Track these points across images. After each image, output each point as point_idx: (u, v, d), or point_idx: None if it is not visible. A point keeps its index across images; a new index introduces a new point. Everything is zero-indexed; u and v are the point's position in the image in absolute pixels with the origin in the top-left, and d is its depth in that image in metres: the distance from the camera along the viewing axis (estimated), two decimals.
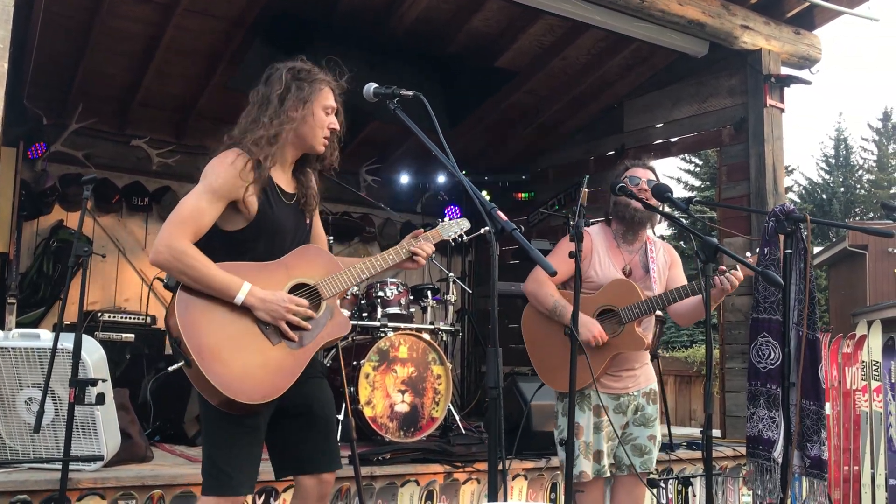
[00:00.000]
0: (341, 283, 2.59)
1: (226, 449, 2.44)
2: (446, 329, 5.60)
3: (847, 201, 35.15)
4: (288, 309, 2.43)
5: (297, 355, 2.48)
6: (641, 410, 3.34)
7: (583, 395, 3.23)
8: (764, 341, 3.24)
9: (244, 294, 2.40)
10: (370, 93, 2.51)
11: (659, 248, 3.45)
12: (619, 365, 3.30)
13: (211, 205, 2.45)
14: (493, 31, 6.31)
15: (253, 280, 2.46)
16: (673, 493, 4.94)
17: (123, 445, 3.72)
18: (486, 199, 2.25)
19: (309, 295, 2.55)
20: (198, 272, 2.39)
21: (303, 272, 2.56)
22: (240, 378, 2.37)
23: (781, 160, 6.02)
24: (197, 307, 2.41)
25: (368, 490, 3.95)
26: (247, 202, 2.48)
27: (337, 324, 2.59)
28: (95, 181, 3.24)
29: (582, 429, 3.23)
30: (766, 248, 3.24)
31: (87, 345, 3.40)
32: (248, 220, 2.51)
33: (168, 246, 2.39)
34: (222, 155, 2.51)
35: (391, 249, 2.71)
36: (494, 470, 1.99)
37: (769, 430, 3.22)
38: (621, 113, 7.21)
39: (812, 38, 6.33)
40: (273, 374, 2.42)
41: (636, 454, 3.32)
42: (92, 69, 6.15)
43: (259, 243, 2.53)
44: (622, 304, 3.22)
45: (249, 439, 2.47)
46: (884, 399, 6.14)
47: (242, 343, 2.41)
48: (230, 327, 2.41)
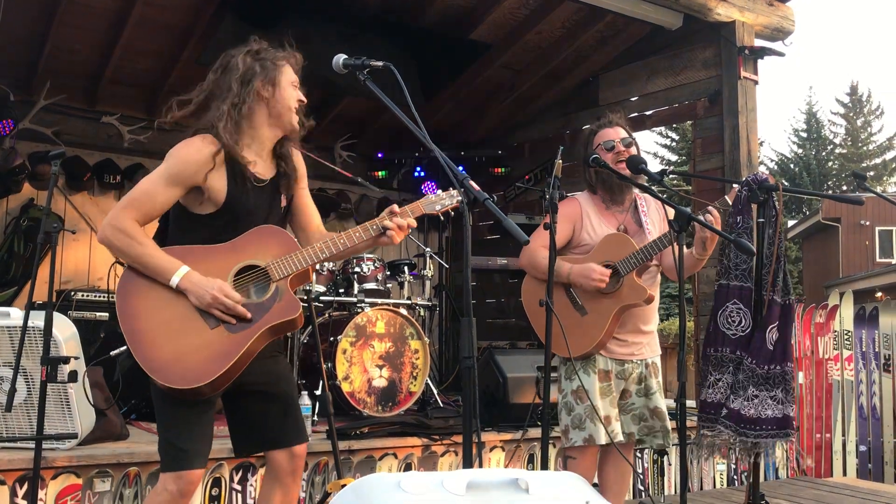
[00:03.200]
0: (294, 263, 2.51)
1: (177, 426, 2.44)
2: (423, 304, 5.60)
3: (819, 175, 35.50)
4: (214, 297, 2.38)
5: (236, 339, 2.41)
6: (645, 381, 3.32)
7: (588, 358, 3.22)
8: (735, 308, 3.26)
9: (179, 277, 2.38)
10: (339, 64, 2.47)
11: (650, 201, 3.40)
12: (627, 326, 3.27)
13: (166, 189, 2.44)
14: (467, 4, 6.26)
15: (199, 262, 2.43)
16: (648, 463, 5.00)
17: (98, 423, 3.69)
18: (458, 170, 2.24)
19: (257, 276, 2.51)
20: (136, 252, 2.39)
21: (254, 254, 2.50)
22: (171, 363, 2.35)
23: (755, 132, 6.05)
24: (138, 290, 2.40)
25: (346, 464, 3.97)
26: (213, 188, 2.46)
27: (284, 306, 2.49)
28: (64, 156, 3.18)
29: (587, 393, 3.19)
30: (739, 216, 3.26)
31: (59, 322, 3.36)
32: (216, 205, 2.48)
33: (112, 225, 2.41)
34: (188, 140, 2.50)
35: (359, 227, 2.62)
36: (469, 437, 2.00)
37: (716, 393, 3.27)
38: (597, 86, 7.19)
39: (785, 10, 6.34)
40: (207, 358, 2.38)
41: (635, 422, 3.31)
42: (59, 45, 6.03)
43: (229, 228, 2.50)
44: (617, 258, 3.19)
45: (200, 415, 2.46)
46: (855, 367, 6.25)
47: (178, 327, 2.39)
48: (167, 311, 2.39)
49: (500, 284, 6.83)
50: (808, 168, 35.57)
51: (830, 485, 5.32)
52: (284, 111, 2.57)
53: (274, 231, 2.57)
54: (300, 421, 2.69)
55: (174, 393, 2.37)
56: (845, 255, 24.80)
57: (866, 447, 6.17)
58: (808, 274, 27.48)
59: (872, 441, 6.18)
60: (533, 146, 7.89)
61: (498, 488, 1.52)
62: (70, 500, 3.35)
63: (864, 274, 21.39)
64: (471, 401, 2.03)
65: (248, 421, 2.61)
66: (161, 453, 2.47)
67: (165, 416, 2.47)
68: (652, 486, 4.94)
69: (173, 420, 2.45)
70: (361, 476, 3.93)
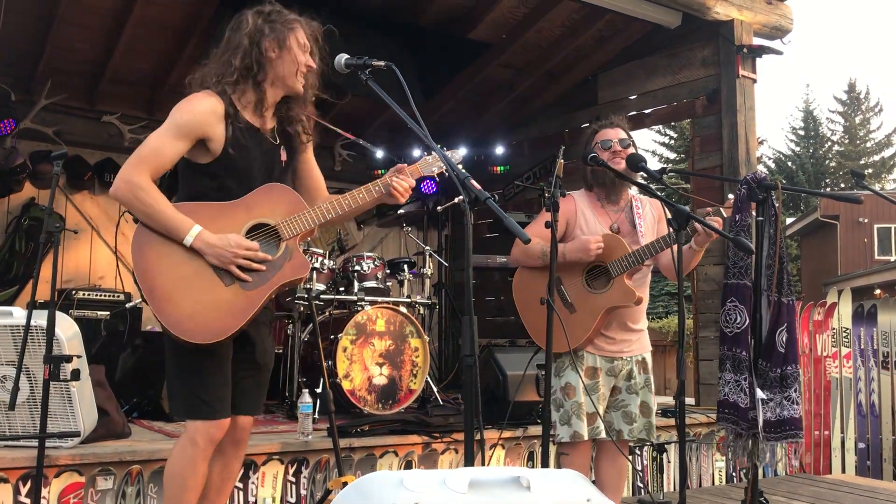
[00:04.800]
0: (303, 223, 2.57)
1: (200, 377, 2.49)
2: (423, 302, 5.62)
3: (817, 173, 35.53)
4: (235, 254, 2.44)
5: (251, 296, 2.48)
6: (633, 378, 3.34)
7: (576, 355, 3.24)
8: (732, 306, 3.28)
9: (192, 237, 2.43)
10: (341, 63, 2.50)
11: (645, 203, 3.44)
12: (615, 326, 3.30)
13: (173, 142, 2.48)
14: (467, 3, 6.27)
15: (211, 221, 2.47)
16: (648, 460, 5.02)
17: (101, 422, 3.71)
18: (460, 169, 2.26)
19: (268, 235, 2.55)
20: (151, 209, 2.43)
21: (264, 212, 2.55)
22: (189, 318, 2.41)
23: (754, 130, 6.07)
24: (153, 247, 2.45)
25: (347, 461, 3.98)
26: (214, 139, 2.50)
27: (295, 265, 2.56)
28: (66, 156, 3.19)
29: (574, 389, 3.22)
30: (738, 214, 3.27)
31: (61, 321, 3.37)
32: (214, 155, 2.53)
33: (126, 180, 2.45)
34: (192, 95, 2.55)
35: (363, 188, 2.67)
36: (471, 435, 2.02)
37: (734, 393, 3.28)
38: (595, 85, 7.21)
39: (784, 9, 6.36)
40: (224, 314, 2.44)
41: (626, 421, 3.33)
42: (60, 44, 6.05)
43: (226, 180, 2.55)
44: (609, 259, 3.22)
45: (220, 364, 2.51)
46: (853, 365, 6.27)
47: (195, 283, 2.44)
48: (184, 267, 2.44)
49: (499, 282, 6.84)
50: (805, 166, 35.60)
51: (829, 482, 5.34)
52: (288, 73, 2.59)
53: (282, 190, 2.61)
54: (261, 395, 2.73)
55: (192, 346, 2.42)
56: (844, 253, 24.82)
57: (865, 444, 6.19)
58: (806, 271, 27.51)
59: (871, 438, 6.20)
60: (532, 145, 7.91)
61: (500, 486, 1.54)
62: (73, 498, 3.36)
63: (862, 271, 21.42)
64: (472, 399, 2.04)
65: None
66: (184, 403, 2.51)
67: (185, 366, 2.50)
68: (651, 484, 4.96)
69: (196, 372, 2.49)
70: (362, 474, 3.95)
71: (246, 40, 2.56)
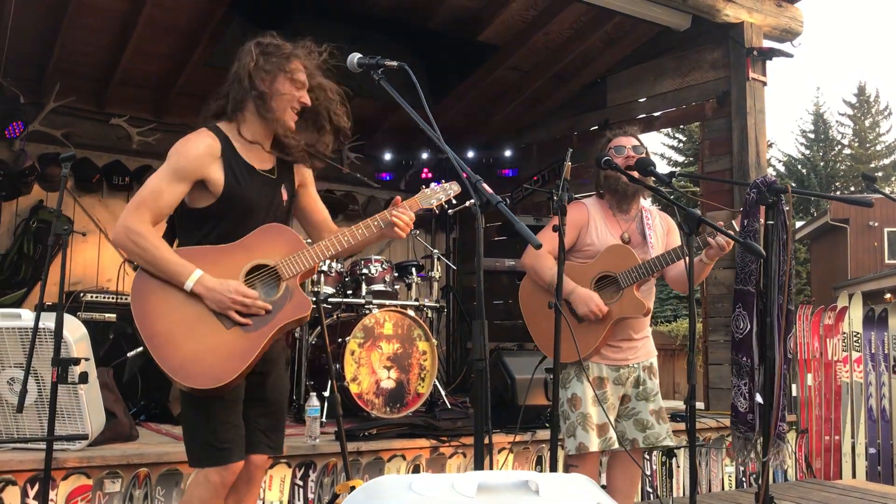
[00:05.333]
0: (303, 262, 2.54)
1: (212, 423, 2.46)
2: (431, 306, 5.61)
3: (827, 176, 35.39)
4: (234, 300, 2.41)
5: (252, 338, 2.45)
6: (643, 385, 3.31)
7: (581, 366, 3.22)
8: (738, 312, 3.28)
9: (193, 282, 2.41)
10: (354, 63, 2.48)
11: (655, 215, 3.43)
12: (619, 334, 3.27)
13: (171, 185, 2.46)
14: (476, 5, 6.27)
15: (210, 264, 2.45)
16: (657, 465, 4.99)
17: (108, 424, 3.71)
18: (471, 172, 2.24)
19: (268, 276, 2.53)
20: (151, 255, 2.41)
21: (263, 253, 2.53)
22: (190, 363, 2.38)
23: (764, 133, 6.04)
24: (154, 292, 2.43)
25: (355, 465, 3.97)
26: (211, 180, 2.48)
27: (296, 304, 2.52)
28: (74, 159, 3.19)
29: (580, 400, 3.20)
30: (746, 219, 3.25)
31: (69, 324, 3.38)
32: (215, 196, 2.50)
33: (125, 227, 2.43)
34: (188, 136, 2.52)
35: (362, 223, 2.64)
36: (480, 439, 2.00)
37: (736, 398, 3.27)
38: (604, 88, 7.19)
39: (794, 11, 6.33)
40: (225, 358, 2.41)
41: (638, 429, 3.29)
42: (69, 47, 6.07)
43: (227, 221, 2.52)
44: (619, 270, 3.20)
45: (229, 411, 2.48)
46: (864, 369, 6.22)
47: (195, 328, 2.41)
48: (184, 311, 2.42)
49: (507, 286, 6.83)
50: (815, 170, 35.47)
51: (840, 487, 5.30)
52: (279, 109, 2.55)
53: (280, 230, 2.58)
54: (277, 435, 2.68)
55: (197, 392, 2.40)
56: (854, 257, 24.69)
57: (876, 449, 6.14)
58: (816, 275, 27.38)
59: (882, 443, 6.15)
60: (541, 147, 7.89)
61: (508, 490, 1.52)
62: (80, 500, 3.36)
63: (872, 275, 21.31)
64: (483, 403, 2.03)
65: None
66: (196, 449, 2.49)
67: (198, 413, 2.48)
68: (660, 488, 4.94)
69: (208, 419, 2.46)
70: (370, 478, 3.93)
71: (240, 73, 2.53)
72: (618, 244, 3.26)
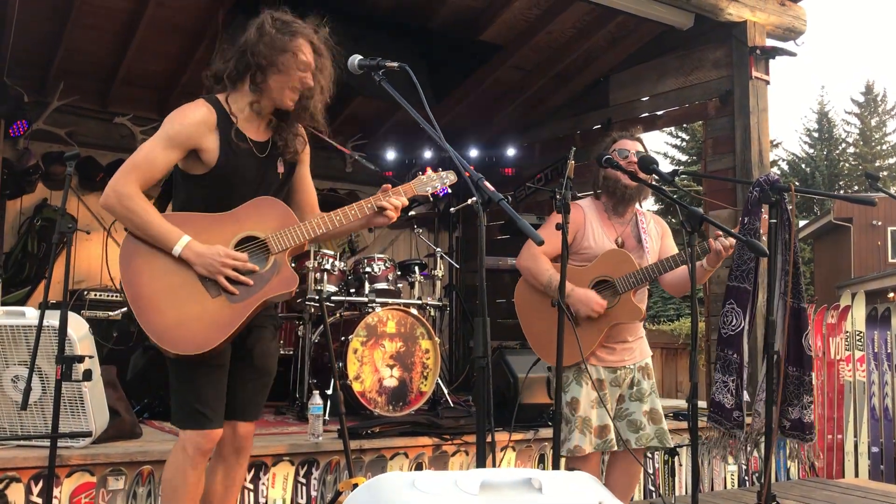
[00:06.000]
0: (293, 237, 2.54)
1: (193, 388, 2.49)
2: (434, 304, 5.61)
3: (831, 175, 35.33)
4: (224, 264, 2.43)
5: (237, 308, 2.46)
6: (637, 385, 3.33)
7: (580, 368, 3.23)
8: (729, 308, 3.28)
9: (181, 247, 2.42)
10: (355, 65, 2.49)
11: (649, 219, 3.45)
12: (614, 337, 3.29)
13: (165, 152, 2.48)
14: (478, 5, 6.26)
15: (200, 232, 2.46)
16: (659, 464, 5.00)
17: (112, 422, 3.72)
18: (473, 170, 2.25)
19: (257, 248, 2.53)
20: (140, 219, 2.43)
21: (254, 225, 2.53)
22: (173, 329, 2.40)
23: (767, 132, 6.03)
24: (141, 256, 2.45)
25: (358, 463, 3.98)
26: (206, 149, 2.49)
27: (283, 279, 2.53)
28: (78, 157, 3.21)
29: (580, 403, 3.21)
30: (746, 217, 3.26)
31: (73, 322, 3.38)
32: (208, 166, 2.51)
33: (115, 190, 2.45)
34: (184, 106, 2.55)
35: (354, 205, 2.63)
36: (483, 437, 2.01)
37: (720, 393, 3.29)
38: (607, 87, 7.19)
39: (797, 10, 6.32)
40: (208, 326, 2.43)
41: (631, 430, 3.30)
42: (73, 46, 6.08)
43: (218, 191, 2.53)
44: (617, 275, 3.21)
45: (213, 377, 2.50)
46: (867, 368, 6.22)
47: (181, 294, 2.43)
48: (171, 277, 2.43)
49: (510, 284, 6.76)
50: (819, 168, 35.42)
51: (842, 486, 5.30)
52: (277, 87, 2.55)
53: (273, 203, 2.59)
54: (260, 401, 2.71)
55: (180, 357, 2.43)
56: (857, 256, 24.66)
57: (879, 448, 6.14)
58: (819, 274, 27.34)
59: (885, 442, 6.15)
60: (543, 146, 7.90)
61: (511, 488, 1.54)
62: (84, 497, 3.37)
63: (876, 274, 21.28)
64: (484, 401, 2.04)
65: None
66: (178, 411, 2.52)
67: (181, 376, 2.51)
68: (663, 487, 4.94)
69: (190, 381, 2.49)
70: (372, 475, 3.95)
71: (246, 45, 2.53)
72: (616, 249, 3.27)
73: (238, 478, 2.72)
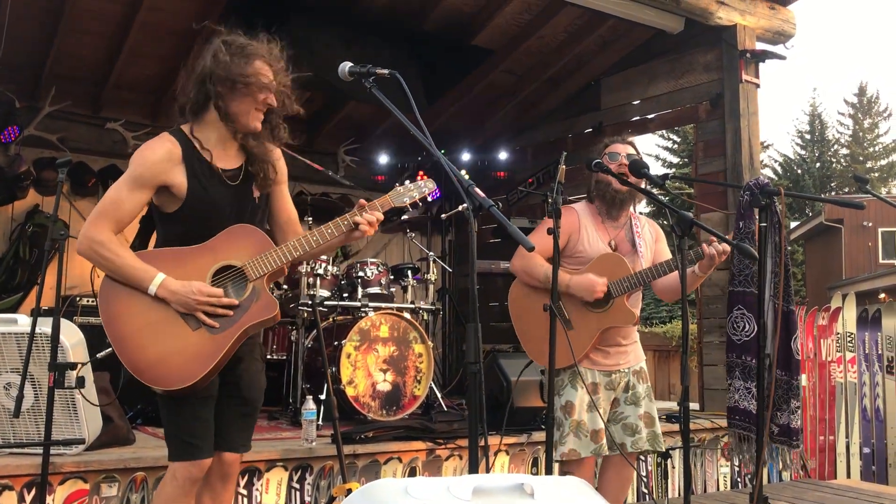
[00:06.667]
0: (270, 263, 2.53)
1: (181, 420, 2.50)
2: (427, 308, 5.63)
3: (823, 176, 35.50)
4: (199, 301, 2.43)
5: (218, 340, 2.46)
6: (632, 389, 3.34)
7: (575, 372, 3.24)
8: (739, 314, 3.30)
9: (156, 286, 2.43)
10: (345, 72, 2.49)
11: (644, 223, 3.46)
12: (608, 341, 3.30)
13: (132, 193, 2.47)
14: (470, 9, 6.29)
15: (176, 266, 2.46)
16: (652, 466, 5.01)
17: (105, 429, 3.71)
18: (463, 177, 2.26)
19: (235, 277, 2.53)
20: (113, 264, 2.44)
21: (229, 254, 2.53)
22: (155, 365, 2.42)
23: (757, 135, 6.06)
24: (120, 296, 2.46)
25: (351, 468, 3.99)
26: (174, 184, 2.48)
27: (263, 305, 2.52)
28: (70, 164, 3.21)
29: (574, 407, 3.22)
30: (741, 221, 3.28)
31: (66, 329, 3.39)
32: (180, 200, 2.51)
33: (87, 237, 2.45)
34: (147, 143, 2.52)
35: (331, 223, 2.61)
36: (475, 442, 2.02)
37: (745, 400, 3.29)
38: (598, 90, 7.22)
39: (786, 13, 6.36)
40: (190, 359, 2.43)
41: (627, 433, 3.31)
42: (64, 51, 6.07)
43: (194, 225, 2.52)
44: (611, 278, 3.22)
45: (200, 408, 2.51)
46: (858, 370, 6.25)
47: (161, 330, 2.44)
48: (150, 314, 2.44)
49: (502, 288, 6.78)
50: (811, 170, 35.58)
51: (834, 487, 5.33)
52: (241, 111, 2.53)
53: (247, 230, 2.57)
54: (248, 432, 2.70)
55: (166, 392, 2.45)
56: (848, 257, 24.78)
57: (870, 449, 6.18)
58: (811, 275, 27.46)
59: (876, 443, 6.18)
60: (536, 150, 7.92)
61: (503, 493, 1.54)
62: None
63: (867, 275, 21.38)
64: (477, 406, 2.05)
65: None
66: (168, 444, 2.54)
67: (169, 410, 2.52)
68: (656, 489, 4.96)
69: (177, 414, 2.51)
70: (366, 480, 3.95)
71: (203, 73, 2.52)
72: (611, 253, 3.28)
73: (225, 502, 2.73)
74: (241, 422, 2.65)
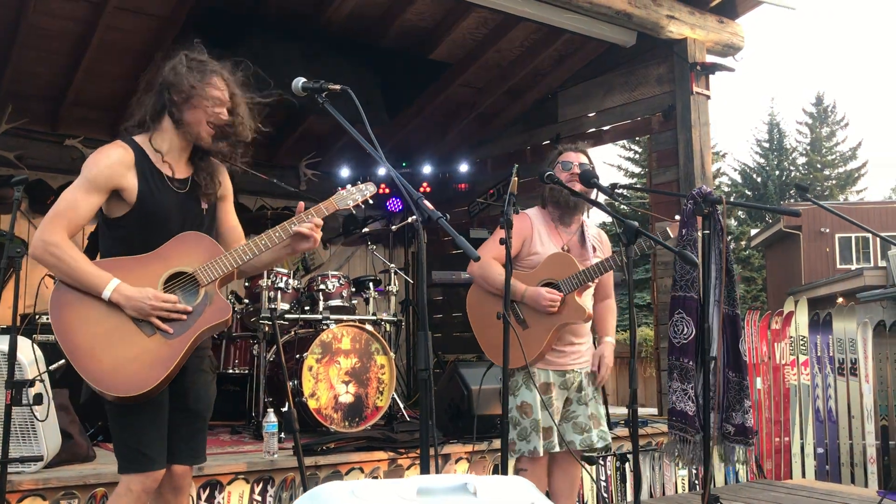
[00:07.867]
0: (220, 267, 2.58)
1: (134, 431, 2.50)
2: (389, 320, 5.68)
3: (782, 184, 36.16)
4: (153, 306, 2.45)
5: (173, 345, 2.49)
6: (583, 390, 3.44)
7: (528, 372, 3.33)
8: (679, 317, 3.40)
9: (110, 290, 2.45)
10: (298, 87, 2.56)
11: (595, 231, 3.58)
12: (562, 339, 3.39)
13: (87, 196, 2.50)
14: (427, 24, 6.39)
15: (128, 274, 2.49)
16: (611, 470, 5.11)
17: (64, 446, 3.71)
18: (412, 189, 2.34)
19: (186, 283, 2.57)
20: (68, 266, 2.45)
21: (180, 260, 2.57)
22: (111, 373, 2.42)
23: (708, 145, 6.23)
24: (72, 304, 2.46)
25: (313, 479, 4.02)
26: (126, 188, 2.52)
27: (216, 309, 2.57)
28: (26, 182, 3.22)
29: (530, 407, 3.31)
30: (684, 229, 3.39)
31: (24, 346, 3.38)
32: (129, 204, 2.54)
33: (41, 239, 2.47)
34: (101, 148, 2.57)
35: (279, 226, 2.67)
36: (426, 447, 2.08)
37: (682, 402, 3.39)
38: (556, 103, 7.36)
39: (735, 27, 6.54)
40: (147, 366, 2.45)
41: (576, 432, 3.41)
42: (21, 68, 6.05)
43: (141, 230, 2.55)
44: (561, 277, 3.32)
45: (153, 417, 2.52)
46: (811, 372, 6.42)
47: (116, 337, 2.46)
48: (104, 322, 2.46)
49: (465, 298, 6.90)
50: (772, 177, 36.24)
51: (788, 487, 5.47)
52: (193, 122, 2.59)
53: (196, 237, 2.62)
54: (199, 444, 2.71)
55: (122, 400, 2.44)
56: (807, 263, 25.28)
57: (823, 449, 6.34)
58: (771, 281, 27.95)
59: (829, 443, 6.34)
60: (495, 161, 8.03)
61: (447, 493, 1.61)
62: None
63: (824, 280, 21.82)
64: (427, 412, 2.11)
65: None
66: (120, 456, 2.53)
67: (121, 420, 2.52)
68: (614, 493, 5.05)
69: (129, 425, 2.50)
70: None
71: (161, 84, 2.58)
72: (559, 252, 3.38)
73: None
74: (190, 433, 2.65)
